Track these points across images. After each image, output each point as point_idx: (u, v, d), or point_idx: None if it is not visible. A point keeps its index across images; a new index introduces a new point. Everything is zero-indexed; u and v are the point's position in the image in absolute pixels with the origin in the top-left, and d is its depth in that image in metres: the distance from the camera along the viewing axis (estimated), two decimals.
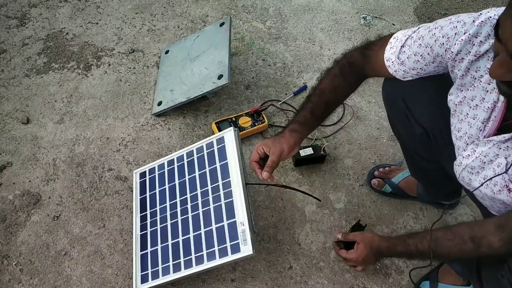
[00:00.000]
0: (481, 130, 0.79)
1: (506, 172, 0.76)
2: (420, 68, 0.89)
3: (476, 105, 0.79)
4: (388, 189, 1.33)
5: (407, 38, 0.89)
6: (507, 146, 0.76)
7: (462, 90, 0.82)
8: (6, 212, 1.28)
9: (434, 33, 0.82)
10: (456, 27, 0.78)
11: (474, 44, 0.76)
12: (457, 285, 1.12)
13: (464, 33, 0.77)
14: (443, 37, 0.80)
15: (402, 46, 0.89)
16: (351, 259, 1.12)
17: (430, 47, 0.83)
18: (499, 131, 0.78)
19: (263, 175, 1.02)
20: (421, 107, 0.97)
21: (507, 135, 0.75)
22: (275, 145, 1.03)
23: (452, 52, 0.79)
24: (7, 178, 1.35)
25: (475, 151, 0.81)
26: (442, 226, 0.94)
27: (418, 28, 0.88)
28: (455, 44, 0.78)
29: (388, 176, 1.35)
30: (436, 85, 0.92)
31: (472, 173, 0.84)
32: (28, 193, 1.32)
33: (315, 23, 1.86)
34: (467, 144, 0.83)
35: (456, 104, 0.84)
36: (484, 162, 0.80)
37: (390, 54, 0.92)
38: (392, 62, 0.92)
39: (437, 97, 0.94)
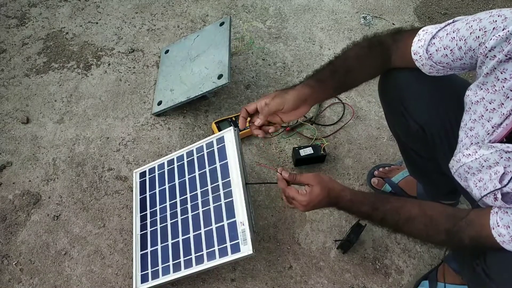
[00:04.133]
0: (488, 133, 0.78)
1: (505, 186, 0.74)
2: (447, 63, 0.85)
3: (493, 108, 0.76)
4: (388, 189, 1.34)
5: (439, 30, 0.84)
6: (509, 157, 0.74)
7: (482, 89, 0.78)
8: (6, 212, 1.28)
9: (471, 25, 0.77)
10: (495, 21, 0.73)
11: (510, 43, 0.70)
12: (456, 284, 1.12)
13: (503, 29, 0.71)
14: (479, 30, 0.75)
15: (433, 38, 0.85)
16: (300, 201, 0.91)
17: (464, 40, 0.78)
18: (506, 139, 0.77)
19: (255, 122, 0.93)
20: (416, 104, 0.96)
21: (511, 146, 0.74)
22: (279, 94, 0.92)
23: (486, 47, 0.73)
24: (7, 177, 1.35)
25: (476, 152, 0.80)
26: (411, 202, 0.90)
27: (454, 21, 0.84)
28: (491, 39, 0.72)
29: (388, 175, 1.35)
30: (431, 81, 0.91)
31: (469, 173, 0.84)
32: (28, 193, 1.32)
33: (315, 22, 1.86)
34: (471, 143, 0.82)
35: (472, 103, 0.81)
36: (483, 166, 0.79)
37: (417, 47, 0.88)
38: (420, 56, 0.88)
39: (433, 94, 0.93)
